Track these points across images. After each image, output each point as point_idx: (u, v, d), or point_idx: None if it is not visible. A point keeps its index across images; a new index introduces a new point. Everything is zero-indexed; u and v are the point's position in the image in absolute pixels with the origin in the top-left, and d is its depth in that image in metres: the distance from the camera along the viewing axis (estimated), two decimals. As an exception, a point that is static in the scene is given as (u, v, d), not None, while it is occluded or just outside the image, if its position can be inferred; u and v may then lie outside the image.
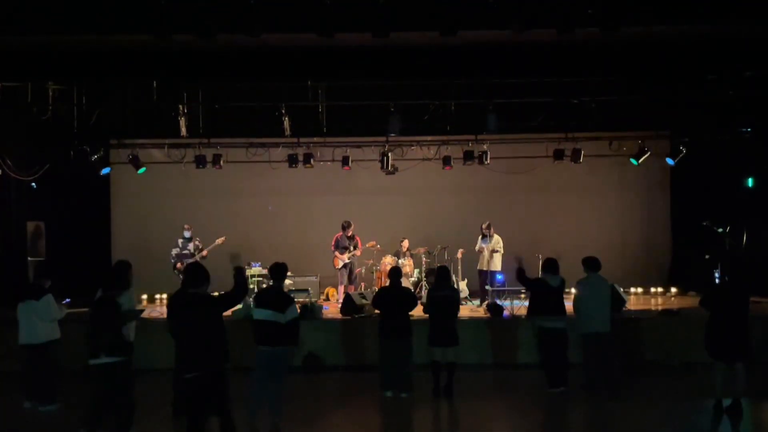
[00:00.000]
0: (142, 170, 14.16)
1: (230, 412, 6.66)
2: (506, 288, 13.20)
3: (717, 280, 12.90)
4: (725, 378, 8.42)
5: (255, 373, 7.98)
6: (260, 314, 7.92)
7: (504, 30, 10.49)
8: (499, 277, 13.52)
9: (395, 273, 9.62)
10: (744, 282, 8.92)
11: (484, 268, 13.60)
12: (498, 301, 12.45)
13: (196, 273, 6.70)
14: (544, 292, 9.41)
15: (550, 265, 9.50)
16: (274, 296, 8.05)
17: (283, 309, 7.86)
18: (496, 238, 13.69)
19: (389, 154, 13.93)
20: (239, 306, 10.74)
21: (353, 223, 14.15)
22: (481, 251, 13.71)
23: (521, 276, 9.66)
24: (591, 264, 9.52)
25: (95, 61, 12.43)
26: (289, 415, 8.04)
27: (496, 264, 13.60)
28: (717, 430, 8.16)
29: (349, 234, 14.06)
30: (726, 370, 8.42)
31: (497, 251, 13.58)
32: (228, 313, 7.81)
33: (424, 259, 14.23)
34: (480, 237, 13.83)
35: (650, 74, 12.78)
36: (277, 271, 8.25)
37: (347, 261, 13.98)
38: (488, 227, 13.72)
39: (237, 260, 7.10)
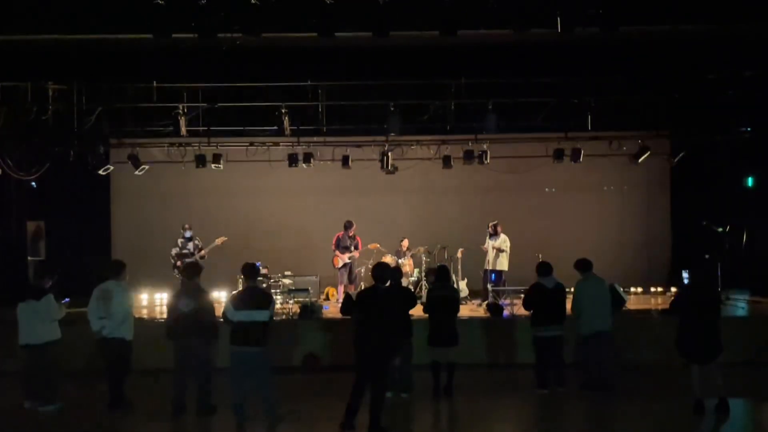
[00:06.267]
0: (141, 170, 14.15)
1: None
2: (507, 288, 13.17)
3: (685, 281, 12.78)
4: (701, 378, 8.32)
5: (235, 376, 7.96)
6: (242, 315, 7.88)
7: (504, 30, 10.49)
8: (493, 276, 13.49)
9: (395, 273, 9.60)
10: (713, 283, 8.93)
11: (489, 267, 13.58)
12: (498, 301, 12.44)
13: (385, 271, 7.77)
14: (540, 296, 9.38)
15: (543, 268, 9.46)
16: (254, 296, 8.04)
17: (266, 306, 7.93)
18: (503, 237, 13.65)
19: (389, 154, 13.91)
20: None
21: (354, 223, 14.14)
22: (486, 249, 13.70)
23: (526, 302, 9.62)
24: (584, 265, 9.53)
25: (95, 61, 12.47)
26: (288, 416, 8.04)
27: (502, 263, 13.56)
28: (716, 429, 8.16)
29: (351, 234, 14.05)
30: (700, 370, 8.33)
31: (503, 251, 13.54)
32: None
33: (424, 258, 14.21)
34: (487, 236, 13.81)
35: (650, 74, 12.78)
36: (251, 270, 8.21)
37: (347, 261, 13.98)
38: (495, 226, 13.70)
39: None
